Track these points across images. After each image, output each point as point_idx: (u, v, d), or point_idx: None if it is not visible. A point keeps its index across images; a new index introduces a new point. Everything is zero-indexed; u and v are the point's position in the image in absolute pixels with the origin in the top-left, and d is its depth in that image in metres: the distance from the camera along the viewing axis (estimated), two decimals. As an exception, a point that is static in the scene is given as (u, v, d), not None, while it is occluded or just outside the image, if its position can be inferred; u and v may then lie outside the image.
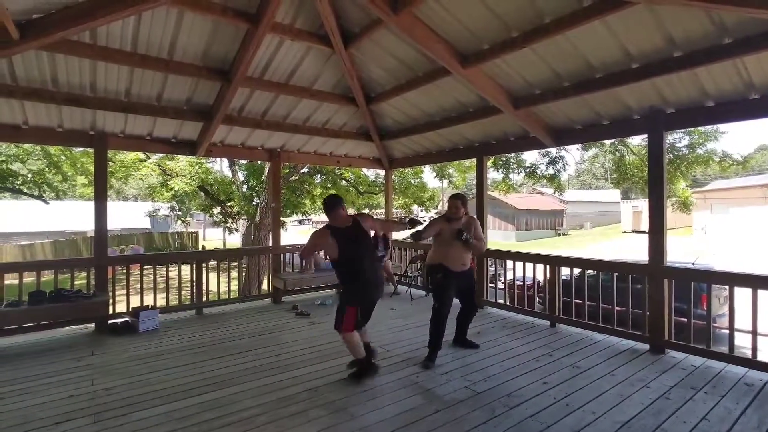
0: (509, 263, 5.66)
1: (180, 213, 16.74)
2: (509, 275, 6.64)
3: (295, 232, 34.71)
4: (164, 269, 5.64)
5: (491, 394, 3.08)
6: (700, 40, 3.09)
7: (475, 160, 6.03)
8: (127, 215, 27.73)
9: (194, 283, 5.56)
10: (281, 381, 3.32)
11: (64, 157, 11.88)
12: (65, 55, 3.79)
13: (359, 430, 2.59)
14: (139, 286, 5.38)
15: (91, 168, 10.13)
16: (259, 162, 11.53)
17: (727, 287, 3.72)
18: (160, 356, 3.91)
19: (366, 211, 16.35)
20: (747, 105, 3.46)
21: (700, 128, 8.14)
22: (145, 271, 5.36)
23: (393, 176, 12.80)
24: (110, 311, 4.85)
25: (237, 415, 2.78)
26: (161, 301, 5.43)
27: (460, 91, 4.82)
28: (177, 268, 5.89)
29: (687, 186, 9.36)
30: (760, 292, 3.42)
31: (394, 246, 7.55)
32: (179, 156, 11.21)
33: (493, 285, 6.24)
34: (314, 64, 4.95)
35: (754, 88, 3.35)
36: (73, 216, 25.65)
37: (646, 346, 4.01)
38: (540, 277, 5.17)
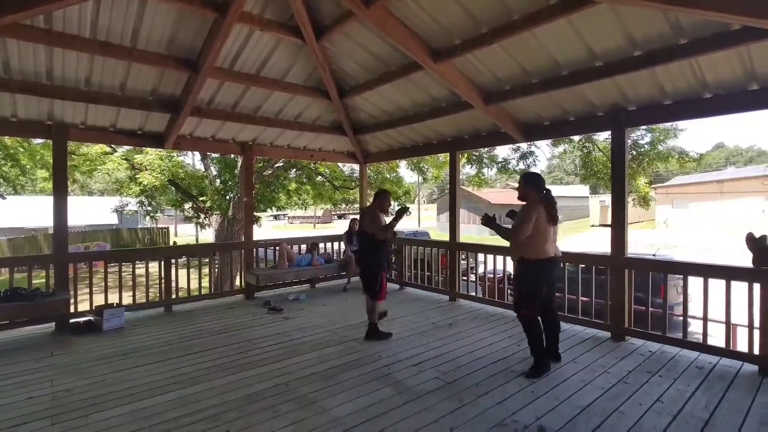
0: (481, 257, 5.78)
1: (149, 208, 16.22)
2: (481, 268, 6.79)
3: (270, 228, 34.23)
4: (131, 266, 5.43)
5: (460, 384, 3.15)
6: (658, 40, 3.22)
7: (448, 154, 6.10)
8: (93, 211, 26.62)
9: (162, 280, 5.42)
10: (250, 377, 3.29)
11: (21, 149, 11.28)
12: (18, 41, 3.59)
13: (329, 423, 2.60)
14: (103, 284, 5.20)
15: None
16: (232, 156, 11.28)
17: (681, 277, 3.92)
18: (125, 355, 3.80)
19: (343, 206, 16.28)
20: (701, 103, 3.63)
21: (660, 126, 8.49)
22: (111, 269, 5.19)
23: (368, 171, 12.86)
24: (72, 310, 4.67)
25: (203, 413, 2.74)
26: (128, 299, 5.26)
27: (433, 87, 4.85)
28: (144, 265, 5.73)
29: (647, 182, 9.78)
30: (711, 281, 3.62)
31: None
32: (148, 149, 10.85)
33: (465, 278, 6.36)
34: (285, 56, 4.87)
35: (707, 88, 3.52)
36: (33, 212, 24.40)
37: (608, 334, 4.18)
38: (511, 269, 5.30)
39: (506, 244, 3.65)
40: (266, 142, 6.39)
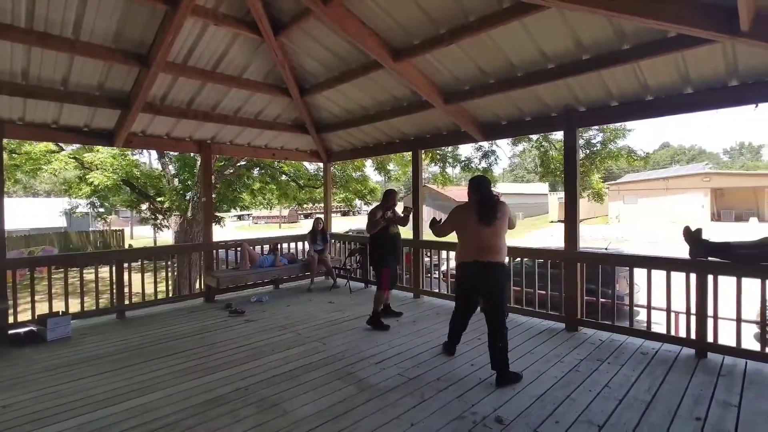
0: (444, 254, 5.88)
1: (102, 210, 15.32)
2: (444, 266, 6.92)
3: (233, 228, 33.37)
4: (78, 272, 5.13)
5: (422, 380, 3.20)
6: (604, 45, 3.39)
7: (411, 153, 6.16)
8: (39, 213, 24.84)
9: (114, 285, 5.15)
10: (209, 383, 3.19)
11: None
12: (-60, 29, 3.30)
13: (291, 425, 2.57)
14: (47, 291, 4.87)
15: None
16: (191, 154, 10.86)
17: (627, 269, 4.16)
18: (72, 366, 3.58)
19: (310, 205, 16.09)
20: (644, 105, 3.86)
21: (611, 126, 8.97)
22: (57, 275, 4.86)
23: (334, 170, 12.78)
24: (10, 320, 4.35)
25: (160, 422, 2.63)
26: (76, 307, 4.95)
27: (394, 86, 4.88)
28: (94, 269, 5.41)
29: (600, 179, 10.32)
30: (654, 272, 3.87)
31: (333, 239, 7.51)
32: (99, 147, 10.26)
33: (429, 275, 6.45)
34: (243, 52, 4.75)
35: (649, 90, 3.75)
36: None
37: (563, 325, 4.38)
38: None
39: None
40: (225, 140, 6.20)
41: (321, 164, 8.33)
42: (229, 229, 25.42)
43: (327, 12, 3.62)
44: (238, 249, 6.39)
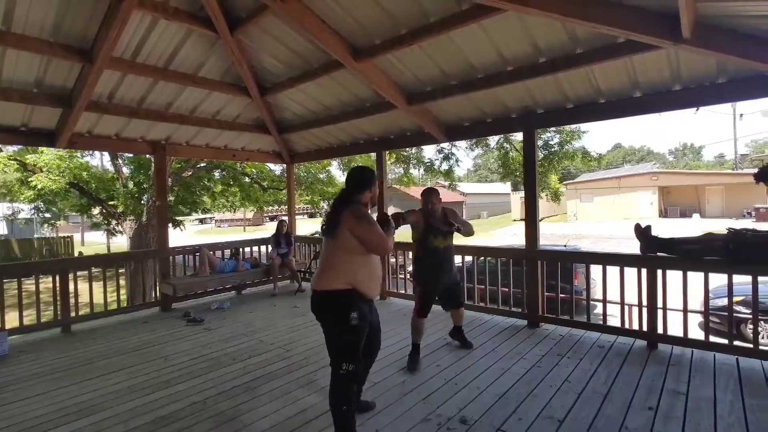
0: (410, 254, 5.87)
1: (48, 215, 14.31)
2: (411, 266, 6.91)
3: (194, 232, 32.20)
4: (16, 283, 4.73)
5: (387, 384, 3.16)
6: (559, 49, 3.49)
7: (375, 154, 6.13)
8: (-26, 220, 22.86)
9: (58, 297, 4.77)
10: (162, 398, 3.01)
11: None
12: None
13: (250, 439, 2.46)
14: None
15: None
16: (147, 156, 10.32)
17: (584, 265, 4.31)
18: (3, 388, 3.27)
19: (274, 207, 15.69)
20: (597, 108, 4.01)
21: (566, 128, 9.33)
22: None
23: (299, 171, 12.55)
24: (-64, 339, 3.93)
25: (104, 444, 2.45)
26: (14, 322, 4.56)
27: (357, 86, 4.82)
28: (35, 280, 5.00)
29: (558, 179, 10.74)
30: (609, 268, 4.03)
31: (298, 242, 7.36)
32: (44, 148, 9.55)
33: (395, 276, 6.44)
34: (197, 48, 4.54)
35: (601, 94, 3.90)
36: None
37: (525, 322, 4.48)
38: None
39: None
40: (181, 141, 5.92)
41: (285, 165, 8.13)
42: (189, 233, 24.44)
43: (284, 8, 3.51)
44: (197, 254, 6.12)
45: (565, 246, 8.50)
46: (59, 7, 3.47)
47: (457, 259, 5.40)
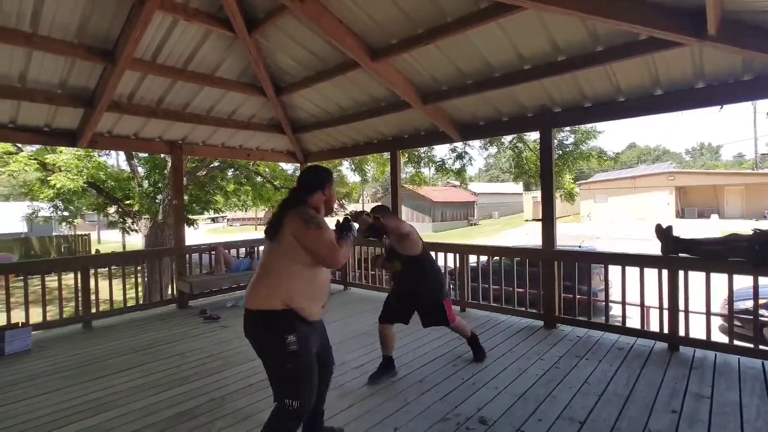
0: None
1: (66, 214, 14.63)
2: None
3: (205, 231, 32.57)
4: (40, 279, 4.84)
5: (404, 383, 3.16)
6: (579, 47, 3.45)
7: (389, 153, 6.13)
8: (-5, 218, 23.49)
9: (79, 293, 4.88)
10: (180, 395, 3.05)
11: None
12: None
13: (270, 435, 2.47)
14: (5, 301, 4.56)
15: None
16: (162, 155, 10.49)
17: (602, 266, 4.25)
18: (23, 383, 3.33)
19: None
20: (616, 106, 3.95)
21: (582, 127, 9.22)
22: (17, 284, 4.56)
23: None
24: (-36, 333, 4.05)
25: (122, 440, 2.49)
26: (37, 317, 4.67)
27: (372, 86, 4.83)
28: (57, 277, 5.11)
29: (572, 179, 10.60)
30: (628, 269, 3.97)
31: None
32: (63, 148, 9.77)
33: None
34: (215, 49, 4.59)
35: (621, 92, 3.84)
36: None
37: (541, 323, 4.43)
38: (451, 265, 5.44)
39: (455, 240, 3.71)
40: (198, 140, 6.00)
41: (298, 164, 8.18)
42: (202, 231, 24.75)
43: (303, 9, 3.54)
44: (213, 252, 6.19)
45: (579, 246, 8.40)
46: (84, 8, 3.55)
47: (472, 259, 5.38)
